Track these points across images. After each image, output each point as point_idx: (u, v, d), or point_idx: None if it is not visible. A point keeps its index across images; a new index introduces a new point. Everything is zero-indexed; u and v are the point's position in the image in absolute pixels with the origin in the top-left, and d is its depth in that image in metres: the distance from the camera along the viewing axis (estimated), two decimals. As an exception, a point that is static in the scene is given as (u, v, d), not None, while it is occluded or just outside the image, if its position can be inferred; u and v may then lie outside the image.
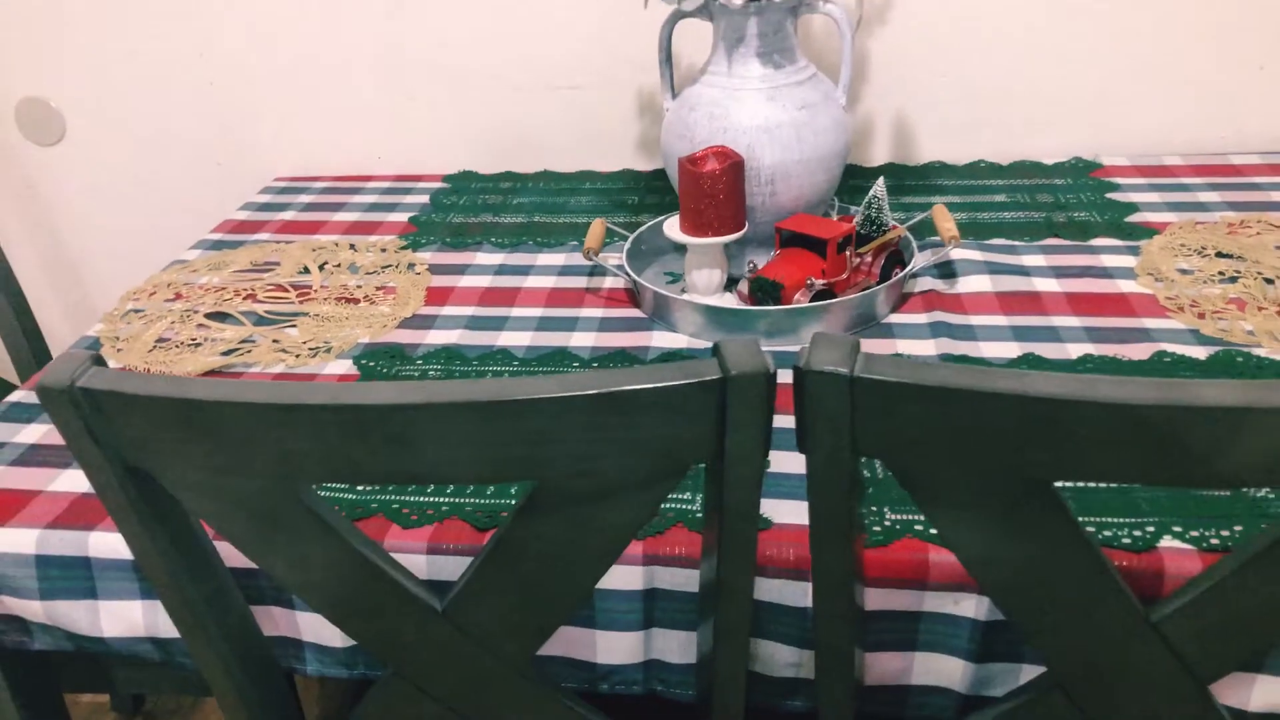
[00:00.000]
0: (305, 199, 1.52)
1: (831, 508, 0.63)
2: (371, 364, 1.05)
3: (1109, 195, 1.34)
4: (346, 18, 1.53)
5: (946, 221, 1.11)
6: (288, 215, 1.46)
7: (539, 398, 0.57)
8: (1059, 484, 0.59)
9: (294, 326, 1.14)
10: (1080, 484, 0.80)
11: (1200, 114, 1.46)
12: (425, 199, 1.49)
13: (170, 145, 1.65)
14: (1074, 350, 0.99)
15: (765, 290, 1.04)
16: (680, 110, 1.11)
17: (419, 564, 0.79)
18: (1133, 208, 1.29)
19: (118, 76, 1.61)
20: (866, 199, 1.10)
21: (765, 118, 1.06)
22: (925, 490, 0.61)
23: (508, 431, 0.58)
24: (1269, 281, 1.09)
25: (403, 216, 1.43)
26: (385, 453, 0.60)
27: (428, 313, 1.15)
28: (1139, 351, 0.98)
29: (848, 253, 1.07)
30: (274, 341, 1.10)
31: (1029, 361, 0.98)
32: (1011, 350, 1.00)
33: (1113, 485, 0.80)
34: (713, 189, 1.02)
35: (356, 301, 1.19)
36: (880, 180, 1.09)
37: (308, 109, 1.60)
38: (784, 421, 0.57)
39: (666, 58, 1.13)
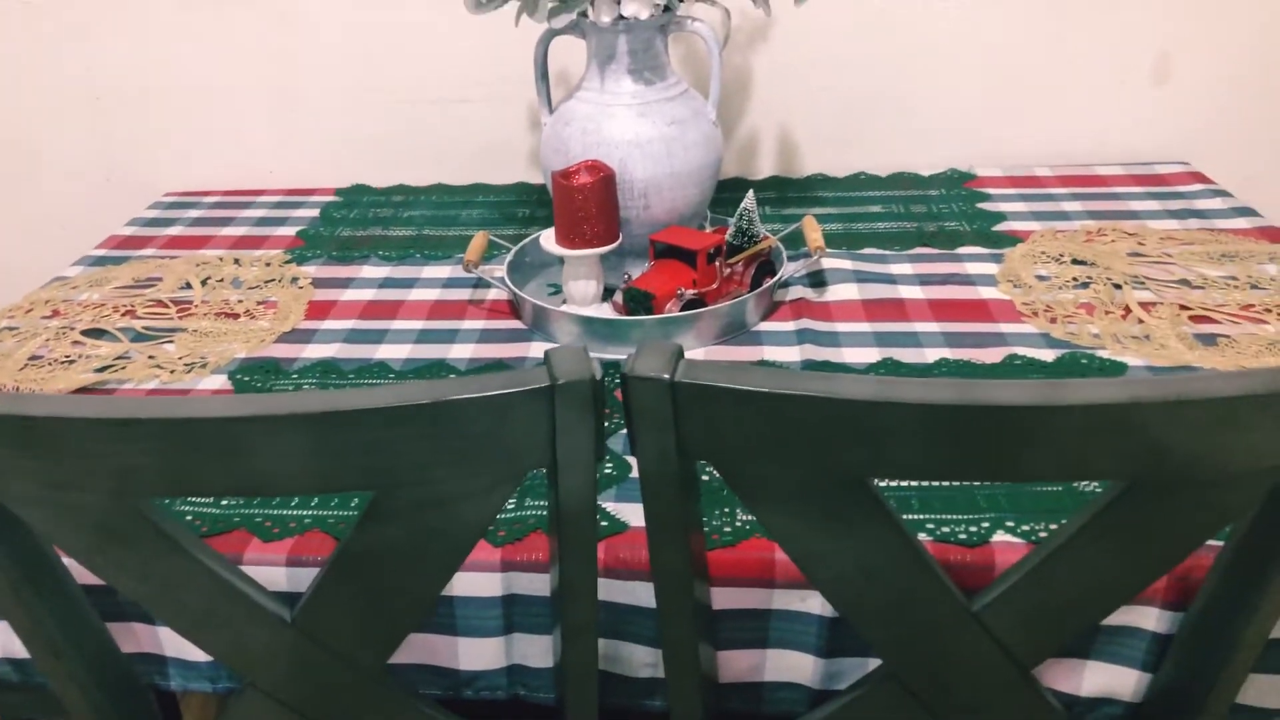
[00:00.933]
0: (194, 214, 1.51)
1: (664, 509, 0.65)
2: (246, 379, 1.05)
3: (979, 205, 1.39)
4: (236, 32, 1.52)
5: (814, 232, 1.15)
6: (174, 231, 1.45)
7: (370, 408, 0.58)
8: (878, 481, 0.62)
9: (171, 342, 1.13)
10: (909, 483, 0.84)
11: (1068, 127, 1.52)
12: (315, 212, 1.49)
13: (56, 161, 1.63)
14: (931, 355, 1.04)
15: (637, 300, 1.06)
16: (556, 126, 1.13)
17: (279, 577, 0.80)
18: (1000, 217, 1.35)
19: (1, 90, 1.58)
20: (738, 211, 1.13)
21: (636, 133, 1.08)
22: (749, 490, 0.63)
23: (341, 443, 0.59)
24: (1117, 287, 1.14)
25: (291, 230, 1.43)
26: (222, 466, 0.60)
27: (308, 327, 1.16)
28: (992, 355, 1.03)
29: (718, 263, 1.10)
30: (149, 358, 1.10)
31: (887, 366, 1.02)
32: (872, 355, 1.04)
33: (951, 483, 0.84)
34: (585, 202, 1.04)
35: (236, 316, 1.19)
36: (750, 193, 1.13)
37: (198, 124, 1.59)
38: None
39: (542, 74, 1.15)
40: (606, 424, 0.93)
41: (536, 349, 1.09)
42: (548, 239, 1.09)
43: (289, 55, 1.53)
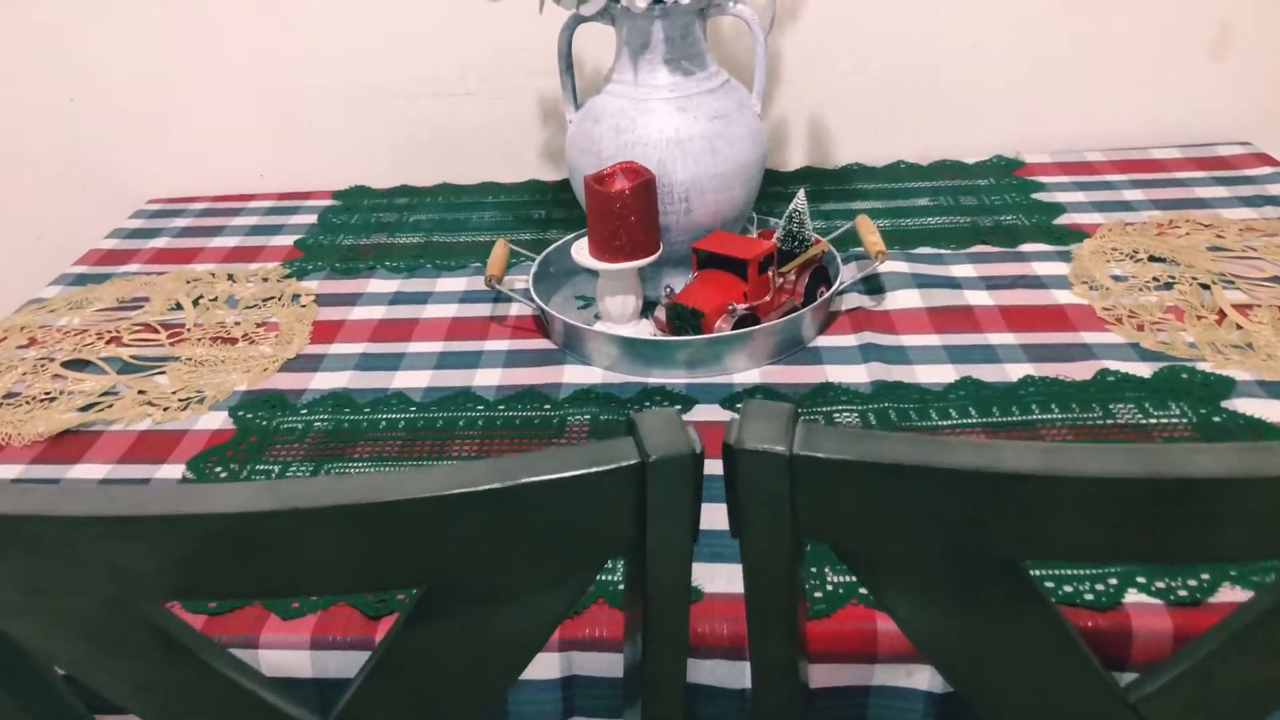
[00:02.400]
0: (180, 223, 1.39)
1: (772, 596, 0.55)
2: (249, 416, 0.94)
3: (1034, 195, 1.29)
4: (220, 24, 1.40)
5: (872, 235, 1.04)
6: (160, 242, 1.34)
7: (422, 498, 0.48)
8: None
9: (163, 373, 1.02)
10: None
11: (1118, 106, 1.42)
12: (313, 219, 1.38)
13: (25, 167, 1.50)
14: (1013, 371, 0.93)
15: (684, 318, 0.96)
16: (584, 123, 1.02)
17: (302, 661, 0.69)
18: (1059, 209, 1.24)
19: (-38, 92, 1.46)
20: (787, 212, 1.02)
21: (676, 129, 0.97)
22: (871, 568, 0.53)
23: (387, 538, 0.49)
24: (1204, 287, 1.04)
25: (288, 240, 1.32)
26: (240, 567, 0.50)
27: (314, 351, 1.05)
28: (1081, 370, 0.93)
29: (770, 272, 0.99)
30: (139, 393, 0.99)
31: (967, 387, 0.91)
32: (947, 374, 0.94)
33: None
34: (622, 210, 0.93)
35: (234, 341, 1.07)
36: (801, 192, 1.02)
37: (180, 124, 1.46)
38: (713, 468, 0.49)
39: (567, 66, 1.04)
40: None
41: (571, 373, 0.98)
42: (580, 251, 0.98)
43: (277, 47, 1.41)
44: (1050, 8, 1.35)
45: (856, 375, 0.94)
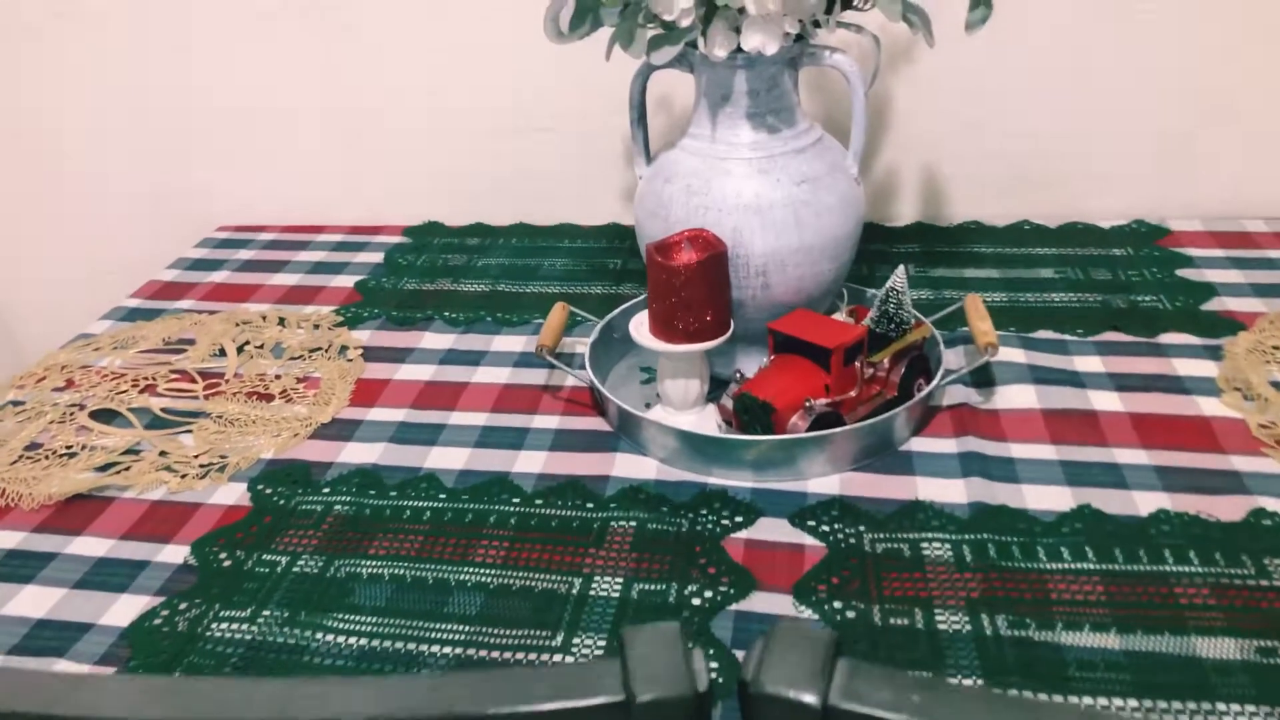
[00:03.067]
0: (244, 255, 1.33)
1: None
2: (268, 491, 0.86)
3: (1179, 272, 1.12)
4: (298, 50, 1.33)
5: (983, 321, 0.90)
6: (219, 276, 1.28)
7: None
8: None
9: (190, 431, 0.95)
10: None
11: (1287, 170, 1.23)
12: (379, 257, 1.30)
13: (102, 188, 1.47)
14: (1143, 501, 0.78)
15: (752, 412, 0.83)
16: (654, 181, 0.91)
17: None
18: (1210, 291, 1.07)
19: (43, 110, 1.43)
20: (883, 291, 0.89)
21: (755, 195, 0.85)
22: None
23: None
24: (1390, 405, 0.86)
25: (349, 281, 1.24)
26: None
27: (350, 416, 0.96)
28: (1229, 507, 0.77)
29: (858, 362, 0.86)
30: (160, 454, 0.91)
31: (1085, 519, 0.76)
32: (1063, 499, 0.79)
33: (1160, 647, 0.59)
34: (687, 287, 0.81)
35: (270, 398, 0.99)
36: (901, 269, 0.88)
37: (255, 151, 1.41)
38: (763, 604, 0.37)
39: (639, 117, 0.93)
40: (694, 584, 0.70)
41: (623, 463, 0.86)
42: (639, 328, 0.87)
43: (357, 77, 1.34)
44: (1206, 51, 1.18)
45: (953, 492, 0.80)
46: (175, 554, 0.79)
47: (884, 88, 1.24)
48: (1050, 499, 0.79)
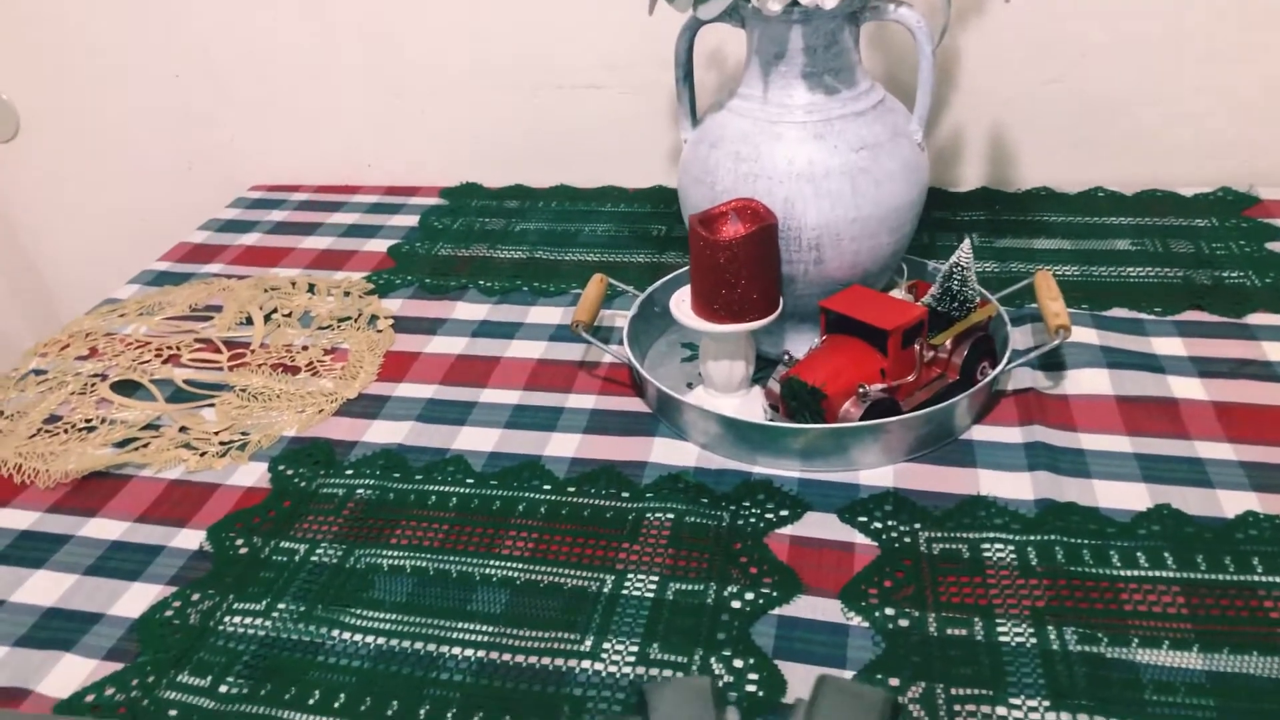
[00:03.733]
0: (277, 216, 1.29)
1: None
2: (289, 473, 0.82)
3: (1269, 245, 1.03)
4: (333, 9, 1.28)
5: (1054, 300, 0.83)
6: (251, 239, 1.24)
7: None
8: None
9: (213, 405, 0.91)
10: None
11: (1390, 133, 1.13)
12: (414, 220, 1.25)
13: (135, 145, 1.43)
14: (1229, 503, 0.71)
15: (801, 399, 0.77)
16: (700, 146, 0.84)
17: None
18: (1303, 266, 0.99)
19: (74, 67, 1.39)
20: (947, 267, 0.82)
21: (809, 162, 0.78)
22: None
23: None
24: None
25: (383, 245, 1.19)
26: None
27: (378, 391, 0.92)
28: (1326, 511, 0.70)
29: (917, 344, 0.79)
30: (181, 429, 0.88)
31: (1163, 520, 0.70)
32: (1139, 497, 0.72)
33: None
34: (732, 263, 0.75)
35: (296, 371, 0.95)
36: (966, 243, 0.81)
37: (290, 107, 1.36)
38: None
39: (685, 74, 0.86)
40: (743, 590, 0.65)
41: (661, 448, 0.81)
42: (680, 305, 0.81)
43: (393, 30, 1.28)
44: (1309, 6, 1.08)
45: (1018, 487, 0.74)
46: (191, 539, 0.76)
47: (950, 41, 1.15)
48: (1125, 497, 0.72)
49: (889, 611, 0.65)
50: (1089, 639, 0.61)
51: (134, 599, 0.70)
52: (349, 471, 0.81)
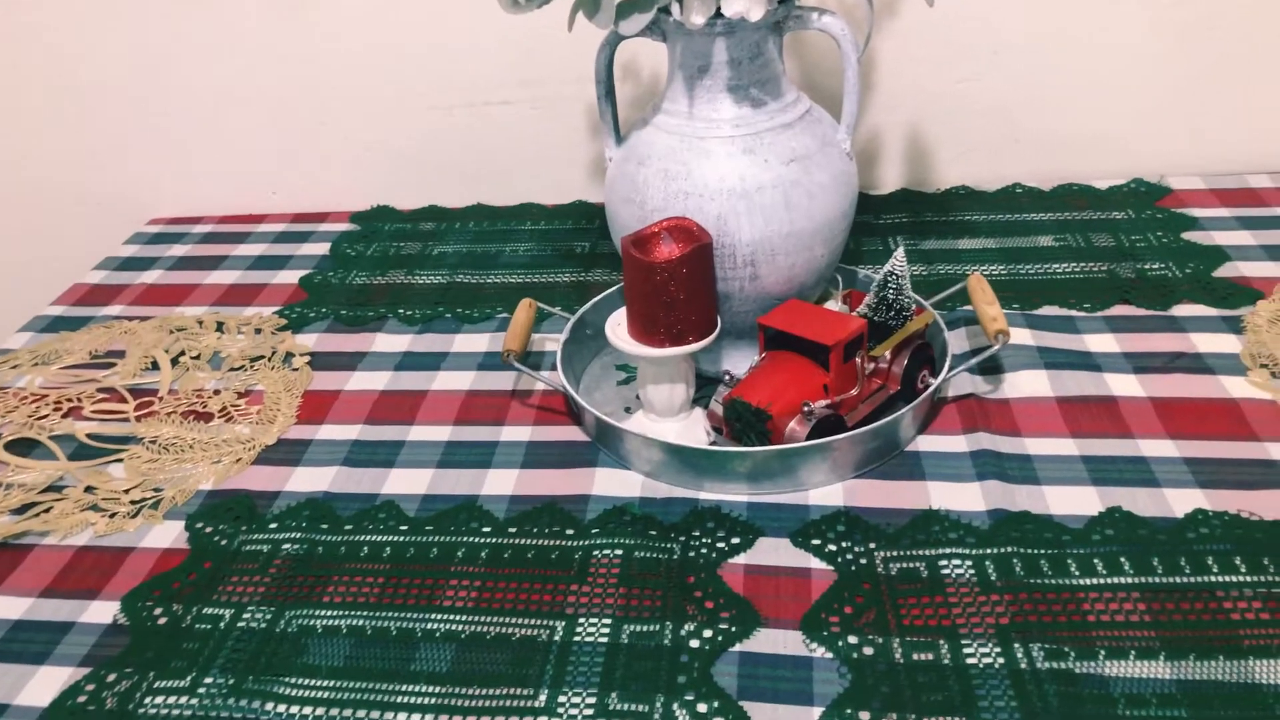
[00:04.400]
0: (178, 251, 1.23)
1: None
2: (208, 530, 0.77)
3: (1186, 235, 1.05)
4: (232, 25, 1.22)
5: (990, 305, 0.82)
6: (152, 276, 1.17)
7: None
8: None
9: (120, 460, 0.85)
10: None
11: (1289, 119, 1.16)
12: (325, 248, 1.20)
13: (20, 182, 1.35)
14: (1177, 501, 0.71)
15: (745, 420, 0.75)
16: (626, 164, 0.81)
17: None
18: (1221, 255, 1.00)
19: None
20: (881, 277, 0.80)
21: (741, 177, 0.76)
22: None
23: None
24: None
25: (294, 276, 1.14)
26: None
27: (298, 435, 0.87)
28: (1271, 504, 0.70)
29: (858, 357, 0.78)
30: (87, 490, 0.82)
31: (1116, 524, 0.69)
32: (1089, 501, 0.72)
33: None
34: (667, 284, 0.72)
35: (209, 417, 0.90)
36: (899, 252, 0.80)
37: (188, 135, 1.29)
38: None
39: (606, 91, 0.83)
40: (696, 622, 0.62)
41: (604, 479, 0.78)
42: (616, 330, 0.78)
43: (296, 51, 1.23)
44: (1208, 2, 1.10)
45: (969, 498, 0.73)
46: (103, 611, 0.70)
47: (870, 45, 1.14)
48: (1076, 502, 0.72)
49: (852, 640, 0.63)
50: (1056, 655, 0.60)
51: (41, 685, 0.64)
52: (273, 525, 0.76)
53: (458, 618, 0.67)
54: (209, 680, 0.63)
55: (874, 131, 1.20)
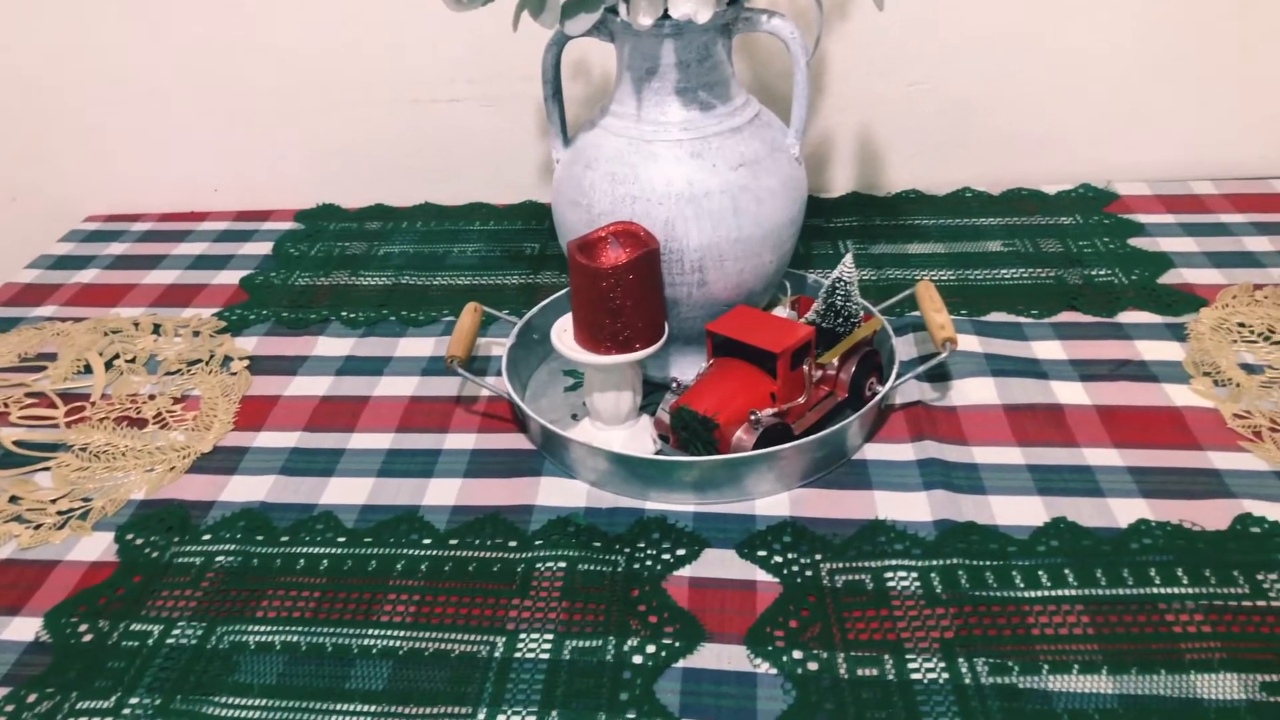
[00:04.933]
0: (116, 250, 1.19)
1: None
2: (139, 541, 0.74)
3: (1132, 241, 1.05)
4: (167, 15, 1.18)
5: (939, 313, 0.82)
6: (88, 275, 1.14)
7: None
8: None
9: (49, 468, 0.82)
10: None
11: (1234, 128, 1.17)
12: (268, 247, 1.17)
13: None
14: (1121, 511, 0.71)
15: (692, 429, 0.74)
16: (574, 167, 0.80)
17: None
18: (1166, 262, 1.01)
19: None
20: (829, 284, 0.80)
21: (689, 182, 0.75)
22: None
23: None
24: (1366, 387, 0.81)
25: (235, 276, 1.11)
26: None
27: (235, 443, 0.84)
28: (1212, 513, 0.70)
29: (806, 364, 0.77)
30: (11, 500, 0.79)
31: (1061, 534, 0.69)
32: (1035, 511, 0.72)
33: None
34: (614, 291, 0.71)
35: (143, 424, 0.87)
36: (848, 258, 0.80)
37: (126, 129, 1.26)
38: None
39: (553, 92, 0.82)
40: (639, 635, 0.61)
41: (549, 488, 0.77)
42: (561, 336, 0.77)
43: (239, 45, 1.20)
44: (1155, 8, 1.11)
45: (916, 508, 0.73)
46: (25, 628, 0.67)
47: (820, 48, 1.14)
48: (1021, 512, 0.72)
49: (797, 655, 0.62)
50: (1000, 669, 0.60)
51: (-41, 708, 0.62)
52: (206, 537, 0.74)
53: (395, 633, 0.65)
54: (135, 700, 0.61)
55: (824, 134, 1.20)
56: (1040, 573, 0.67)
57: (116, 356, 0.97)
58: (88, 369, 0.95)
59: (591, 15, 0.70)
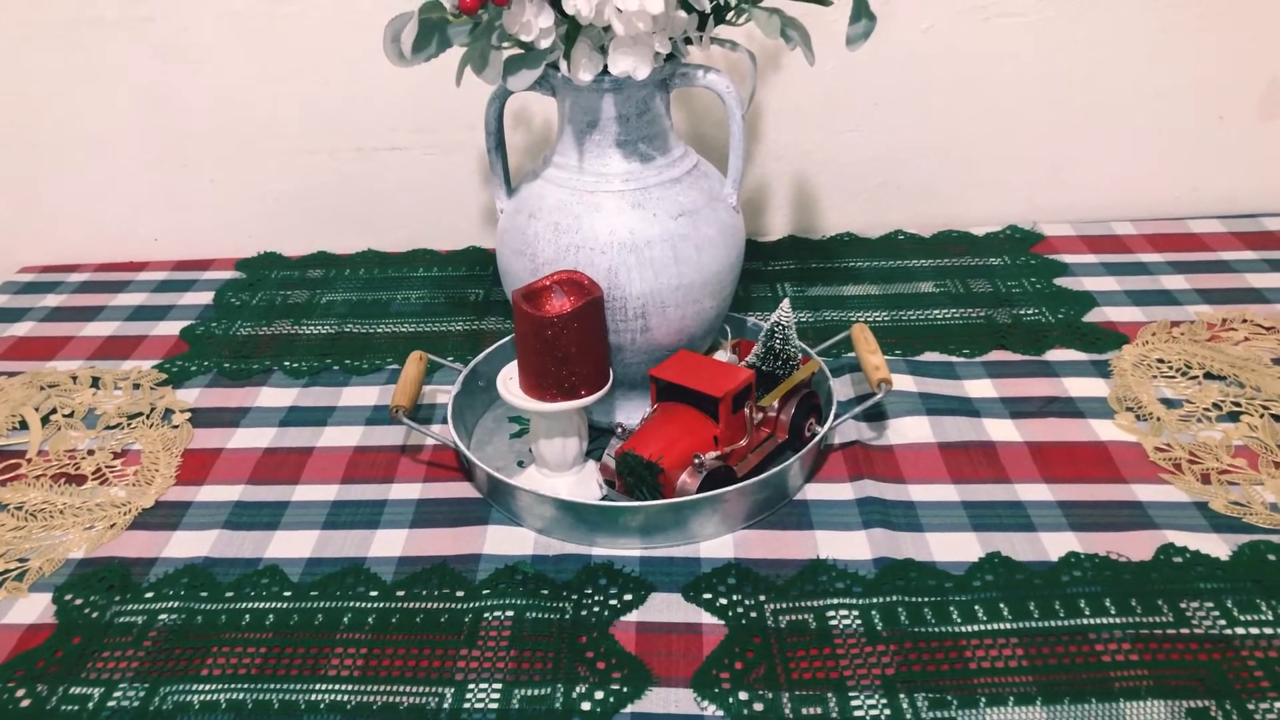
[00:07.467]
0: (52, 301, 1.18)
1: None
2: (78, 602, 0.73)
3: (1058, 281, 1.09)
4: (106, 64, 1.18)
5: (874, 355, 0.84)
6: (23, 328, 1.12)
7: None
8: None
9: (-17, 528, 0.81)
10: None
11: (1152, 170, 1.23)
12: (209, 297, 1.16)
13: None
14: (1052, 544, 0.74)
15: (638, 474, 0.75)
16: (518, 216, 0.81)
17: None
18: (1090, 301, 1.05)
19: None
20: (768, 327, 0.82)
21: (630, 231, 0.77)
22: None
23: None
24: (1277, 419, 0.85)
25: (175, 327, 1.11)
26: None
27: (177, 498, 0.84)
28: (1138, 545, 0.73)
29: (747, 408, 0.79)
30: (-55, 561, 0.77)
31: (995, 569, 0.72)
32: (969, 546, 0.74)
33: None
34: (560, 338, 0.72)
35: (82, 480, 0.86)
36: (785, 302, 0.82)
37: (64, 179, 1.24)
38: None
39: (496, 144, 0.83)
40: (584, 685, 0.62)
41: (496, 537, 0.77)
42: (508, 384, 0.78)
43: (178, 92, 1.19)
44: (1074, 57, 1.16)
45: (856, 547, 0.74)
46: (-39, 694, 0.66)
47: (755, 96, 1.17)
48: (957, 548, 0.74)
49: (743, 696, 0.63)
50: (939, 704, 0.62)
51: (-108, 779, 0.60)
52: (149, 595, 0.73)
53: (343, 687, 0.65)
54: (77, 766, 0.60)
55: (761, 180, 1.23)
56: (976, 607, 0.69)
57: (54, 411, 0.96)
58: (23, 425, 0.94)
59: (533, 71, 0.72)
